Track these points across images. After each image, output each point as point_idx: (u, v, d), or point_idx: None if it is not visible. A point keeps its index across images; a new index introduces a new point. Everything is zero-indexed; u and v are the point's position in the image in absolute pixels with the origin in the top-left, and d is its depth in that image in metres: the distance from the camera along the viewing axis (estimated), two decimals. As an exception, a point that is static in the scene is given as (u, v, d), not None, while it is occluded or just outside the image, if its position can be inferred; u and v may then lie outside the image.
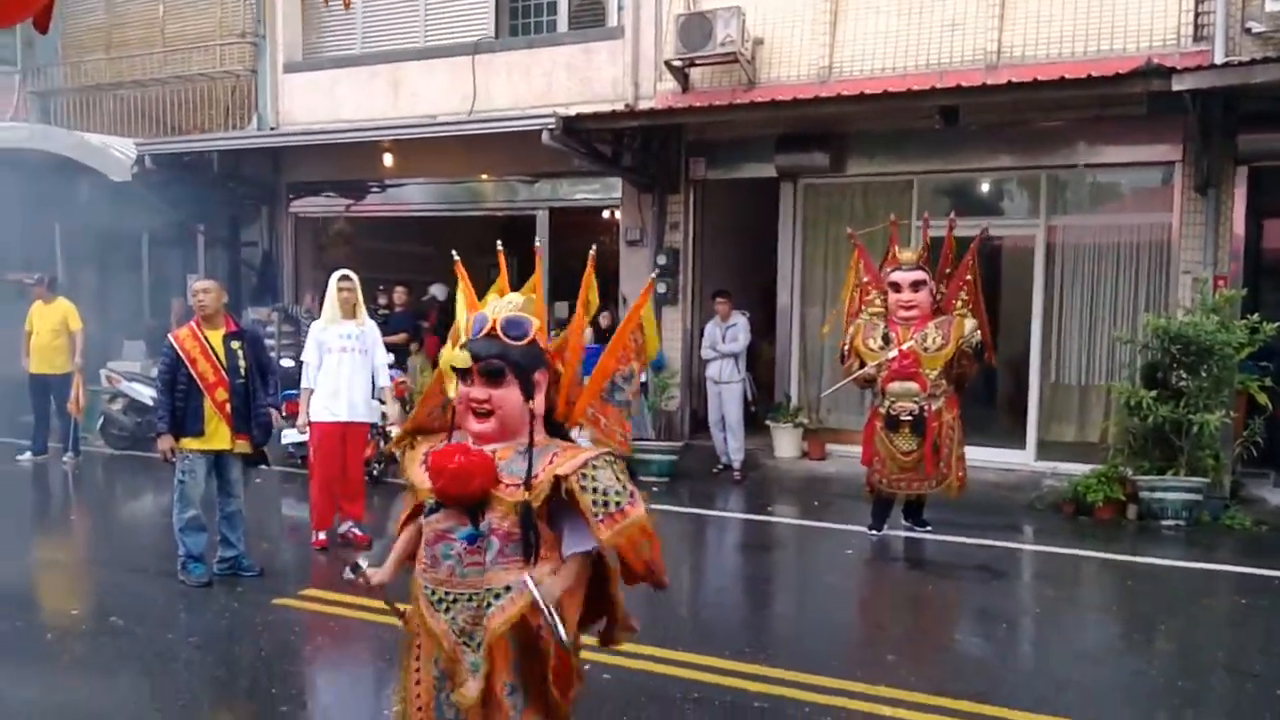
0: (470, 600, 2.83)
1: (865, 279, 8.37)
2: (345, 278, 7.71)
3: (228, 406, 6.65)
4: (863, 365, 8.10)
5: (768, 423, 11.71)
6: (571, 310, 13.32)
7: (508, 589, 2.82)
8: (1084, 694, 5.11)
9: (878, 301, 8.26)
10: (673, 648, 5.53)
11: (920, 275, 8.00)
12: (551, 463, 2.81)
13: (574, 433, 3.10)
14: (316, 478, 7.72)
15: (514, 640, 2.86)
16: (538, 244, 3.33)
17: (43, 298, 11.35)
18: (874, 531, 8.28)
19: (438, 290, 14.47)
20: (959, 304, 8.11)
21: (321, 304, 8.01)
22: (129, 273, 15.58)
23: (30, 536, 8.46)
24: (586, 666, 5.24)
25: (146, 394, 11.85)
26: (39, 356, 11.30)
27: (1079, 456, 10.14)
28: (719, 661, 5.36)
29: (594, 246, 3.28)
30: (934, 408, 7.91)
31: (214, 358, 6.66)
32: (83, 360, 11.38)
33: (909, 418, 7.90)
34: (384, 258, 14.98)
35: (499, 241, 3.41)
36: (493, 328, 2.86)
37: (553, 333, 12.63)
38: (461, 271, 3.34)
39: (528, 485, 2.77)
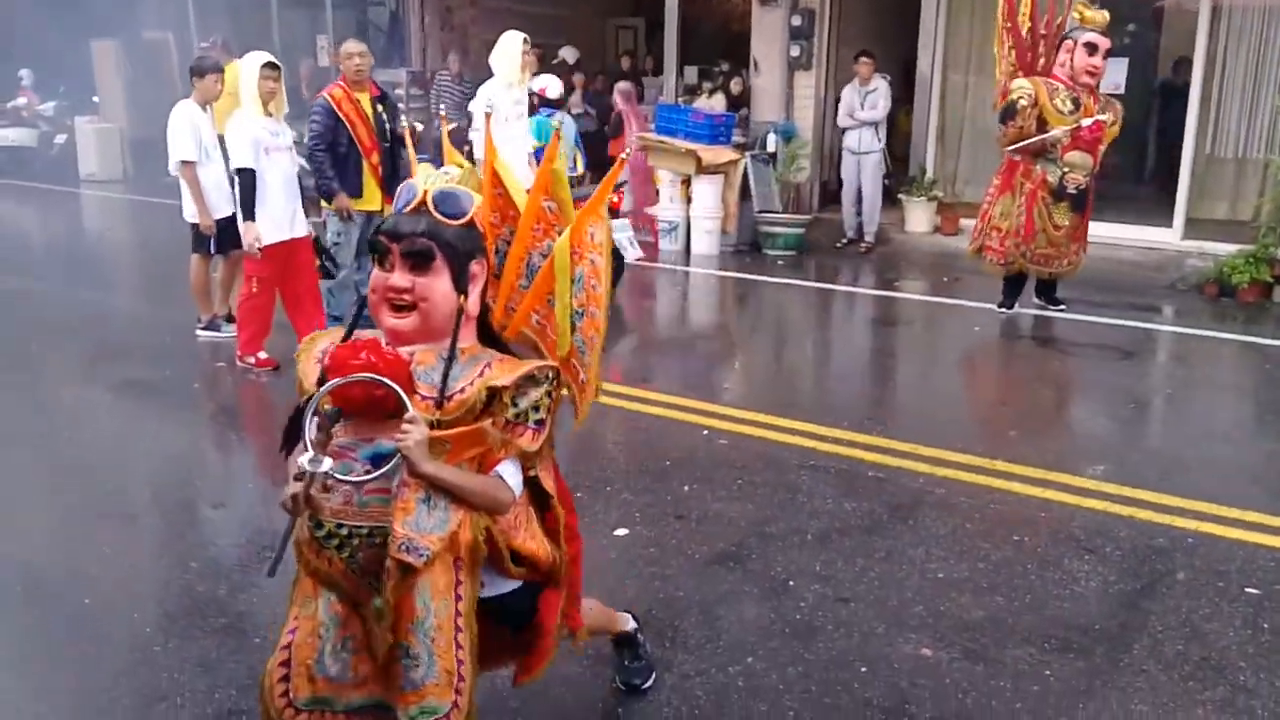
0: (372, 538, 2.21)
1: (1007, 24, 7.75)
2: (526, 40, 7.78)
3: (381, 170, 6.80)
4: (1041, 127, 7.58)
5: (900, 196, 11.40)
6: (700, 76, 12.78)
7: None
8: (1210, 474, 5.03)
9: (1011, 55, 7.76)
10: (791, 417, 5.62)
11: (1109, 43, 7.58)
12: (483, 374, 2.28)
13: None
14: None
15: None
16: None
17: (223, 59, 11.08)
18: (1004, 309, 8.12)
19: (568, 53, 14.17)
20: None
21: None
22: (259, 34, 15.60)
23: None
24: (705, 432, 5.43)
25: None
26: (221, 118, 11.06)
27: (1229, 236, 9.59)
28: (836, 432, 5.42)
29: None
30: (1092, 184, 7.76)
31: (368, 121, 6.78)
32: None
33: (1074, 191, 7.63)
34: (511, 19, 14.68)
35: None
36: (423, 201, 2.31)
37: (680, 100, 12.15)
38: None
39: (440, 402, 2.22)
